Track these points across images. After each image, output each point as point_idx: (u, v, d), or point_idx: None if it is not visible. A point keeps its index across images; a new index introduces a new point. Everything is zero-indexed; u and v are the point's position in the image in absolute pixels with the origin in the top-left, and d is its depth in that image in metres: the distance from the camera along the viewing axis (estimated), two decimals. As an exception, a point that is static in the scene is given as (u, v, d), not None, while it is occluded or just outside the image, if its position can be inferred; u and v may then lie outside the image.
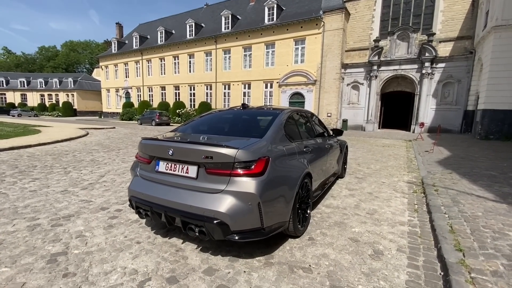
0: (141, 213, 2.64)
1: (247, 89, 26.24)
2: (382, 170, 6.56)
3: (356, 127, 21.78)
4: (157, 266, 2.29)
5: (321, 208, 3.82)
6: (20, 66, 71.92)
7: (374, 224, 3.26)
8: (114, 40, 38.12)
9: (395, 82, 20.72)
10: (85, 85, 49.97)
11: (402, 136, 16.75)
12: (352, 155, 8.73)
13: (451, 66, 18.23)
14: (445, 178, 5.23)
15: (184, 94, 30.98)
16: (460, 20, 18.04)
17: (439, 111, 18.99)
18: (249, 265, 2.34)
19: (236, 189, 2.20)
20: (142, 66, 34.45)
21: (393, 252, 2.59)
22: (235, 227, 2.19)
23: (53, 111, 45.08)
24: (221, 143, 2.37)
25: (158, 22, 37.56)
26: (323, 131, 4.60)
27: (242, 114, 3.48)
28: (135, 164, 2.98)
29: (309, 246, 2.69)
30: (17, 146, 8.67)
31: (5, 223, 3.09)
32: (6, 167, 6.01)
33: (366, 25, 21.31)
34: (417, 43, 18.93)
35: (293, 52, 23.10)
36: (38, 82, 52.29)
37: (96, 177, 5.29)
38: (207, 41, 28.06)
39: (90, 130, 16.66)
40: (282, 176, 2.53)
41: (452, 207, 3.58)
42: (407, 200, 4.23)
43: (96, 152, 8.35)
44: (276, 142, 2.71)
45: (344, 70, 21.82)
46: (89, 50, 74.94)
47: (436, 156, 8.09)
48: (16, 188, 4.44)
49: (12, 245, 2.59)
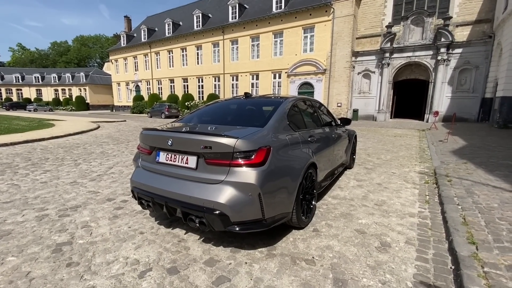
0: (143, 204, 2.64)
1: (255, 79, 25.96)
2: (392, 160, 6.36)
3: (367, 117, 21.25)
4: (159, 256, 2.29)
5: (327, 199, 3.73)
6: (34, 62, 73.73)
7: (382, 216, 3.15)
8: (123, 33, 38.35)
9: (409, 70, 19.95)
10: (97, 79, 50.79)
11: (415, 125, 16.23)
12: (362, 145, 8.52)
13: (468, 52, 17.32)
14: (459, 168, 5.01)
15: (192, 86, 31.01)
16: (478, 2, 17.00)
17: (455, 99, 18.21)
18: (250, 256, 2.30)
19: (236, 180, 2.14)
20: (151, 59, 34.59)
21: (401, 245, 2.49)
22: (235, 218, 2.14)
23: (67, 106, 46.23)
24: (220, 132, 2.30)
25: (165, 14, 37.36)
26: (330, 120, 4.46)
27: (245, 103, 3.39)
28: (137, 155, 2.97)
29: (313, 238, 2.62)
30: (31, 139, 8.92)
31: (15, 213, 3.17)
32: (19, 159, 6.19)
33: (378, 10, 20.45)
34: (432, 28, 18.04)
35: (301, 40, 22.54)
36: (52, 77, 53.56)
37: (104, 169, 5.37)
38: (214, 32, 27.76)
39: (101, 123, 16.99)
40: (284, 166, 2.45)
41: (466, 198, 3.41)
42: (418, 191, 4.07)
43: (106, 145, 8.50)
44: (279, 131, 2.62)
45: (354, 58, 21.16)
46: (100, 44, 75.86)
47: (450, 146, 7.78)
48: (28, 180, 4.56)
49: (20, 235, 2.65)
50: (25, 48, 78.41)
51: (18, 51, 77.78)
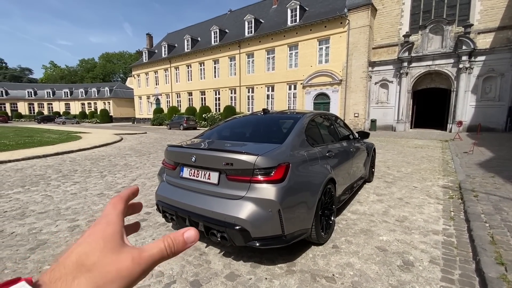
0: (167, 217, 2.76)
1: (270, 91, 26.28)
2: (414, 173, 6.17)
3: (386, 127, 20.75)
4: (182, 269, 2.38)
5: (347, 214, 3.69)
6: (64, 78, 78.99)
7: (404, 233, 3.08)
8: (145, 50, 40.44)
9: (428, 79, 19.43)
10: (120, 93, 53.45)
11: (437, 136, 15.63)
12: (381, 157, 8.33)
13: (492, 59, 16.67)
14: (486, 183, 4.79)
15: (209, 98, 31.86)
16: (501, 8, 16.46)
17: (480, 108, 17.43)
18: (270, 272, 2.33)
19: (256, 196, 2.22)
20: (171, 74, 36.08)
21: (425, 264, 2.43)
22: (255, 233, 2.20)
23: (92, 118, 48.84)
24: (241, 149, 2.40)
25: (185, 30, 39.14)
26: (348, 133, 4.46)
27: (263, 119, 3.49)
28: (161, 169, 3.13)
29: (333, 254, 2.61)
30: (61, 151, 9.52)
31: (49, 223, 3.41)
32: (51, 171, 6.62)
33: (394, 20, 20.31)
34: (452, 36, 17.61)
35: (317, 52, 22.71)
36: (79, 92, 57.01)
37: (128, 181, 5.63)
38: (231, 46, 28.63)
39: (124, 135, 17.77)
40: (303, 182, 2.50)
41: (494, 215, 3.26)
42: (442, 207, 3.93)
43: (129, 157, 8.89)
44: (297, 148, 2.68)
45: (371, 68, 20.95)
46: (123, 60, 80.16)
47: (476, 158, 7.44)
48: (60, 191, 4.88)
49: (54, 244, 2.85)
50: (56, 66, 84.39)
51: (50, 68, 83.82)
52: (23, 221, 3.48)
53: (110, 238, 0.33)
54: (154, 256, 0.33)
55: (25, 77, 78.97)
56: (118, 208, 0.37)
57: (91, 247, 0.31)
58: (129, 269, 0.31)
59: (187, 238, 0.36)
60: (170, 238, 0.35)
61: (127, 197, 0.40)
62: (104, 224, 0.34)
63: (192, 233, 0.36)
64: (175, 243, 0.35)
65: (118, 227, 0.35)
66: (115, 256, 0.31)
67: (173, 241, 0.35)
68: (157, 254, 0.33)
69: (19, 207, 4.02)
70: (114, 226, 0.34)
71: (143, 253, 0.33)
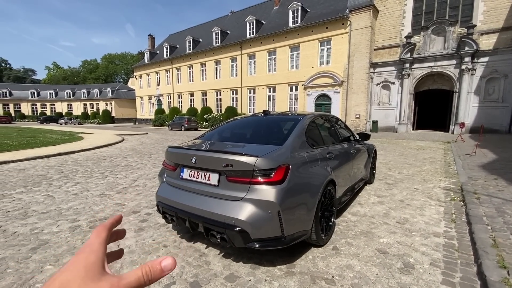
0: (167, 218, 2.77)
1: (272, 92, 26.29)
2: (415, 175, 6.15)
3: (388, 128, 20.68)
4: (182, 270, 2.38)
5: (347, 216, 3.68)
6: (66, 79, 79.48)
7: (405, 235, 3.07)
8: (146, 51, 40.63)
9: (431, 80, 19.36)
10: (122, 94, 53.67)
11: (439, 137, 15.56)
12: (382, 159, 8.31)
13: (495, 60, 16.58)
14: (488, 185, 4.76)
15: (211, 99, 31.92)
16: (505, 9, 16.38)
17: (483, 110, 17.33)
18: (270, 273, 2.33)
19: (256, 197, 2.22)
20: (172, 75, 36.19)
21: (425, 266, 2.41)
22: (255, 235, 2.20)
23: (94, 119, 49.06)
24: (241, 151, 2.41)
25: (186, 31, 39.28)
26: (349, 135, 4.45)
27: (263, 120, 3.50)
28: (162, 171, 3.14)
29: (333, 256, 2.61)
30: (63, 152, 9.57)
31: (51, 223, 3.43)
32: (53, 171, 6.66)
33: (396, 21, 20.27)
34: (455, 37, 17.54)
35: (318, 53, 22.70)
36: (81, 92, 57.31)
37: (129, 182, 5.65)
38: (232, 47, 28.69)
39: (125, 136, 17.84)
40: (303, 183, 2.50)
41: (496, 218, 3.24)
42: (444, 209, 3.91)
43: (130, 157, 8.92)
44: (297, 149, 2.68)
45: (373, 69, 20.91)
46: (125, 61, 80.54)
47: (479, 160, 7.40)
48: (61, 192, 4.90)
49: (56, 244, 2.87)
50: (59, 66, 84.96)
51: (53, 69, 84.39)
52: (25, 221, 3.50)
53: (91, 266, 0.34)
54: (131, 283, 0.35)
55: (28, 78, 79.59)
56: (101, 237, 0.39)
57: (73, 275, 0.33)
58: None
59: (164, 266, 0.38)
60: (148, 266, 0.37)
61: (110, 226, 0.42)
62: (87, 252, 0.36)
63: (170, 261, 0.38)
64: (152, 271, 0.37)
65: (100, 255, 0.37)
66: (94, 284, 0.33)
67: (151, 269, 0.37)
68: (135, 282, 0.35)
69: (22, 207, 4.04)
70: (96, 254, 0.36)
71: (122, 281, 0.34)
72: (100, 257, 0.36)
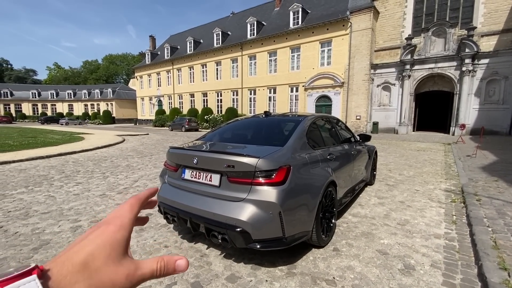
0: (169, 219, 2.77)
1: (272, 93, 26.31)
2: (416, 176, 6.15)
3: (388, 129, 20.68)
4: (183, 270, 2.39)
5: (348, 217, 3.69)
6: (68, 79, 79.61)
7: (406, 236, 3.07)
8: (147, 51, 40.68)
9: (431, 81, 19.37)
10: (122, 95, 53.74)
11: (440, 139, 15.56)
12: (383, 160, 8.31)
13: (496, 62, 16.59)
14: (489, 187, 4.76)
15: (211, 100, 31.95)
16: (505, 11, 16.40)
17: (483, 111, 17.33)
18: (271, 274, 2.34)
19: (257, 198, 2.23)
20: (173, 75, 36.25)
21: (426, 268, 2.42)
22: (256, 235, 2.21)
23: (95, 119, 49.11)
24: (243, 152, 2.41)
25: (187, 32, 39.35)
26: (349, 136, 4.46)
27: (265, 122, 3.51)
28: (163, 171, 3.15)
29: (334, 257, 2.61)
30: (64, 152, 9.59)
31: (52, 224, 3.44)
32: (54, 172, 6.67)
33: (397, 22, 20.30)
34: (455, 38, 17.57)
35: (319, 54, 22.73)
36: (82, 93, 57.40)
37: (130, 182, 5.66)
38: (233, 48, 28.74)
39: (126, 136, 17.87)
40: (304, 184, 2.51)
41: (497, 220, 3.24)
42: (444, 211, 3.92)
43: (131, 158, 8.93)
44: (298, 150, 2.69)
45: (373, 70, 20.93)
46: (126, 62, 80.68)
47: (479, 161, 7.40)
48: (62, 192, 4.91)
49: (57, 244, 2.88)
50: (60, 67, 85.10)
51: (54, 69, 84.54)
52: (27, 221, 3.51)
53: (117, 245, 0.33)
54: (145, 275, 0.34)
55: (29, 78, 79.73)
56: (134, 211, 0.37)
57: (98, 251, 0.32)
58: (122, 283, 0.32)
59: (177, 265, 0.37)
60: (164, 261, 0.36)
61: (145, 199, 0.40)
62: (116, 226, 0.35)
63: (184, 262, 0.38)
64: (166, 268, 0.36)
65: (127, 233, 0.35)
66: (115, 267, 0.32)
67: (165, 266, 0.36)
68: (148, 274, 0.35)
69: (23, 207, 4.05)
70: (125, 232, 0.35)
71: (137, 271, 0.34)
72: (127, 236, 0.35)
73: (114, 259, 0.32)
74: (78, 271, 0.30)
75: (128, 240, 0.35)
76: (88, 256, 0.31)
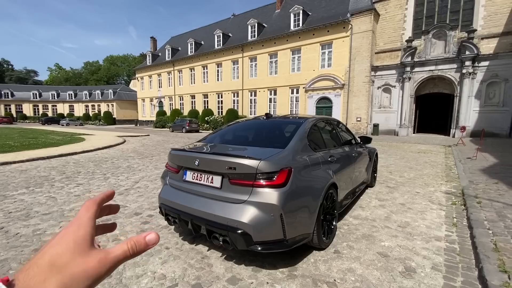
0: (170, 220, 2.78)
1: (273, 95, 26.37)
2: (416, 178, 6.15)
3: (389, 131, 20.70)
4: (184, 272, 2.40)
5: (348, 219, 3.69)
6: (69, 80, 79.84)
7: (406, 239, 3.07)
8: (148, 53, 40.82)
9: (431, 84, 19.41)
10: (123, 96, 53.84)
11: (440, 141, 15.56)
12: (384, 162, 8.32)
13: (496, 64, 16.63)
14: (489, 189, 4.76)
15: (212, 102, 32.02)
16: (505, 14, 16.46)
17: (484, 114, 17.35)
18: (272, 276, 2.34)
19: (258, 200, 2.24)
20: (174, 77, 36.35)
21: (427, 270, 2.42)
22: (257, 237, 2.22)
23: (95, 120, 49.20)
24: (244, 154, 2.43)
25: (188, 34, 39.48)
26: (350, 138, 4.47)
27: (266, 123, 3.52)
28: (165, 173, 3.16)
29: (335, 260, 2.61)
30: (65, 153, 9.61)
31: (53, 225, 3.45)
32: (55, 173, 6.69)
33: (397, 25, 20.37)
34: (455, 41, 17.62)
35: (319, 56, 22.80)
36: (83, 94, 57.56)
37: (131, 183, 5.67)
38: (234, 50, 28.83)
39: (127, 137, 17.89)
40: (305, 186, 2.52)
41: (497, 222, 3.25)
42: (445, 213, 3.92)
43: (132, 159, 8.95)
44: (299, 152, 2.70)
45: (374, 72, 20.98)
46: (127, 63, 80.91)
47: (480, 164, 7.40)
48: (63, 193, 4.92)
49: (59, 246, 2.88)
50: (61, 68, 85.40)
51: (55, 70, 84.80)
52: (28, 222, 3.52)
53: (80, 240, 0.36)
54: (118, 257, 0.37)
55: (30, 79, 79.89)
56: (90, 211, 0.40)
57: (62, 249, 0.34)
58: (95, 269, 0.35)
59: (148, 240, 0.40)
60: (133, 240, 0.39)
61: (100, 201, 0.43)
62: (76, 226, 0.37)
63: (153, 236, 0.41)
64: (137, 245, 0.39)
65: (88, 229, 0.38)
66: (83, 258, 0.35)
67: (136, 243, 0.39)
68: (121, 255, 0.37)
69: (24, 208, 4.06)
70: (85, 229, 0.37)
71: (109, 255, 0.36)
72: (89, 231, 0.37)
73: (80, 253, 0.35)
74: (45, 270, 0.32)
75: (91, 235, 0.37)
76: (53, 256, 0.33)
